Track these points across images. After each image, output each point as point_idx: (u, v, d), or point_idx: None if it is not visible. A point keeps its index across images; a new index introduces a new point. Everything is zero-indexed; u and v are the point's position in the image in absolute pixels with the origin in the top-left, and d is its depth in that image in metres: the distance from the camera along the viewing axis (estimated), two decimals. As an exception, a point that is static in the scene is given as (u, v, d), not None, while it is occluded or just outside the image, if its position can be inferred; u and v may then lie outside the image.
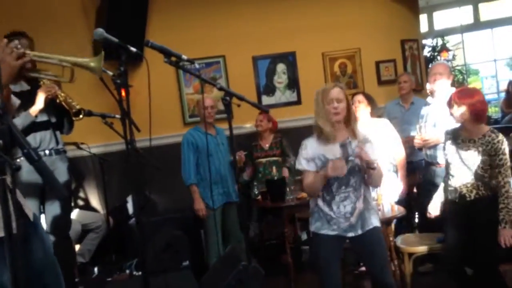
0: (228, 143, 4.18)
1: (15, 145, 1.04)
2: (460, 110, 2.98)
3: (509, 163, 2.94)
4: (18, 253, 1.09)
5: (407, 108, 4.88)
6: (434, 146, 3.70)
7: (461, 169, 3.06)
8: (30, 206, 1.98)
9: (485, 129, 3.01)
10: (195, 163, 4.06)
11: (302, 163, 2.80)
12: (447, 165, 3.19)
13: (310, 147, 2.79)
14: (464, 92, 3.09)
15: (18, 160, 3.15)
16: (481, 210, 2.99)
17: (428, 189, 3.68)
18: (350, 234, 2.76)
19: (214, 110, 4.14)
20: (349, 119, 2.76)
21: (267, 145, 4.83)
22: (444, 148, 3.22)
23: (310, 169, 2.77)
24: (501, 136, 2.96)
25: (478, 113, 2.96)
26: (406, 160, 4.18)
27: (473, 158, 2.99)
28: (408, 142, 4.21)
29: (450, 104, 3.06)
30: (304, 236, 5.11)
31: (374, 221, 2.80)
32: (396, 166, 4.12)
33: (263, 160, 4.77)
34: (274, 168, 4.61)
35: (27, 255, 1.88)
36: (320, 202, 2.79)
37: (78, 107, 3.26)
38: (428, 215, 3.35)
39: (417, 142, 3.76)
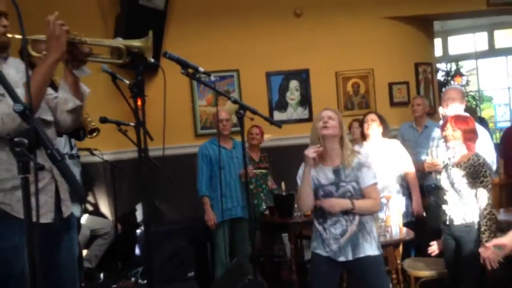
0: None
1: (40, 145, 1.08)
2: (455, 134, 3.10)
3: (490, 186, 3.01)
4: (36, 244, 1.13)
5: (420, 131, 4.87)
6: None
7: (451, 193, 3.17)
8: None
9: (471, 154, 3.11)
10: (208, 175, 4.13)
11: (298, 181, 2.84)
12: (442, 189, 3.29)
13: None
14: (460, 118, 3.19)
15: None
16: (468, 234, 3.04)
17: (437, 213, 3.67)
18: (341, 259, 2.74)
19: (229, 123, 4.20)
20: (342, 145, 2.78)
21: (256, 158, 4.83)
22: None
23: None
24: (482, 159, 3.05)
25: (470, 140, 3.10)
26: (424, 183, 4.17)
27: (461, 182, 3.09)
28: (419, 167, 4.20)
29: (444, 127, 3.16)
30: (309, 255, 5.08)
31: (368, 250, 2.74)
32: (406, 187, 4.10)
33: (256, 171, 4.76)
34: (283, 184, 4.61)
35: (53, 249, 1.94)
36: (315, 222, 2.86)
37: (93, 125, 3.31)
38: (429, 250, 3.36)
39: (427, 165, 3.76)
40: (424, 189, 4.43)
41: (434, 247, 3.32)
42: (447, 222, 3.20)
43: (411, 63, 6.06)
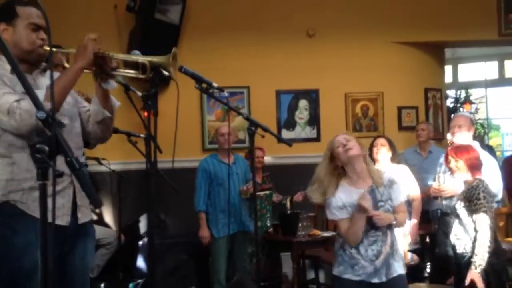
0: (245, 172, 4.26)
1: (59, 152, 1.10)
2: (459, 164, 3.14)
3: (484, 208, 2.97)
4: (49, 244, 1.14)
5: (424, 157, 4.88)
6: (451, 197, 3.68)
7: (455, 220, 3.19)
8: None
9: (473, 180, 3.12)
10: (206, 191, 4.13)
11: (335, 214, 2.70)
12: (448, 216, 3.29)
13: (340, 196, 2.70)
14: (460, 148, 3.22)
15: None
16: (467, 262, 3.01)
17: (442, 240, 3.65)
18: (375, 280, 2.66)
19: (231, 137, 4.20)
20: (367, 164, 2.73)
21: (259, 180, 4.81)
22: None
23: (344, 216, 2.68)
24: (477, 182, 3.04)
25: (474, 167, 3.11)
26: (422, 208, 4.15)
27: (460, 208, 3.10)
28: (425, 193, 4.19)
29: (446, 159, 3.17)
30: (311, 275, 5.05)
31: (399, 269, 2.71)
32: (411, 212, 4.09)
33: (260, 193, 4.74)
34: (288, 201, 4.61)
35: (66, 253, 1.97)
36: (344, 246, 2.71)
37: None
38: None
39: (433, 190, 3.75)
40: (430, 215, 4.41)
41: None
42: (451, 251, 3.19)
43: (421, 88, 6.08)
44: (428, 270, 4.42)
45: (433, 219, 4.35)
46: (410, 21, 5.76)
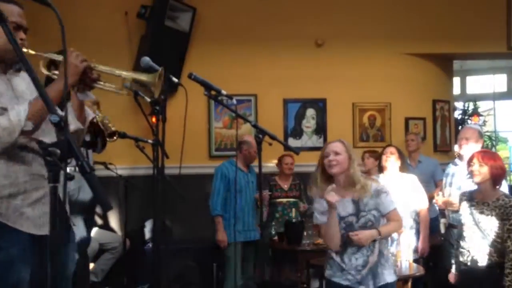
0: (256, 180, 4.27)
1: (71, 156, 1.12)
2: (482, 170, 3.02)
3: None
4: (56, 255, 1.14)
5: (414, 167, 4.92)
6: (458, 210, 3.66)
7: (474, 231, 3.08)
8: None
9: (499, 193, 3.05)
10: (224, 196, 4.12)
11: (317, 218, 2.77)
12: (461, 226, 3.20)
13: (323, 201, 2.72)
14: (487, 153, 3.15)
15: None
16: (491, 277, 2.96)
17: (449, 251, 3.62)
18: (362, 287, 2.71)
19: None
20: (353, 174, 2.69)
21: (286, 186, 4.85)
22: (458, 210, 3.25)
23: (324, 221, 2.73)
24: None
25: (497, 177, 3.03)
26: None
27: (487, 221, 3.01)
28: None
29: (470, 163, 3.10)
30: (316, 284, 5.03)
31: (388, 277, 2.73)
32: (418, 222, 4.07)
33: (283, 200, 4.77)
34: (293, 211, 4.61)
35: (46, 261, 1.86)
36: (333, 253, 2.76)
37: (113, 129, 3.36)
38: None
39: (443, 202, 3.73)
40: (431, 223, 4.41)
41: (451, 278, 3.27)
42: (469, 263, 3.11)
43: (429, 99, 6.08)
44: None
45: (432, 228, 4.32)
46: (419, 33, 5.77)
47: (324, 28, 5.68)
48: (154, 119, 3.02)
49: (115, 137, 3.38)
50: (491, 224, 2.99)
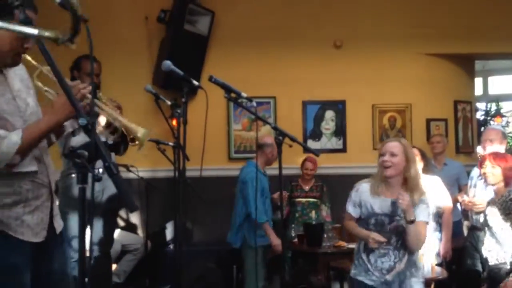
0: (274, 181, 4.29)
1: (98, 158, 1.14)
2: (495, 171, 3.06)
3: None
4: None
5: (439, 169, 4.85)
6: (482, 211, 3.61)
7: (487, 233, 3.14)
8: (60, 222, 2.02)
9: (506, 189, 3.08)
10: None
11: (348, 206, 2.79)
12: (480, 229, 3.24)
13: (362, 192, 2.74)
14: (499, 155, 3.15)
15: (73, 175, 3.32)
16: (498, 274, 2.94)
17: (471, 254, 3.58)
18: None
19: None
20: (408, 177, 2.66)
21: (307, 187, 4.87)
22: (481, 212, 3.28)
23: (354, 215, 2.76)
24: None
25: (510, 178, 3.07)
26: None
27: (493, 220, 3.04)
28: None
29: (482, 164, 3.10)
30: (336, 286, 5.00)
31: (415, 285, 2.69)
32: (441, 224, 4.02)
33: (303, 200, 4.79)
34: (313, 212, 4.61)
35: (47, 264, 1.89)
36: (361, 248, 2.75)
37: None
38: None
39: (467, 203, 3.69)
40: (454, 226, 4.35)
41: None
42: (480, 265, 3.13)
43: (451, 100, 6.00)
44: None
45: (454, 232, 4.26)
46: (440, 33, 5.71)
47: (342, 30, 5.65)
48: (174, 122, 3.06)
49: (137, 142, 3.42)
50: (496, 222, 3.03)
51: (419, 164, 4.01)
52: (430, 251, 3.69)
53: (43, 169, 1.88)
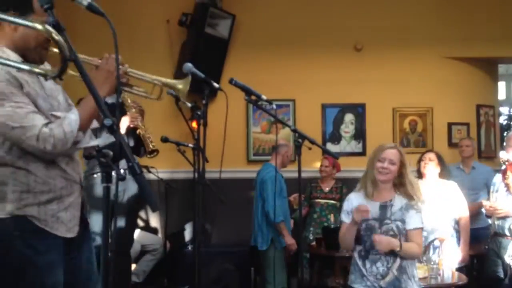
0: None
1: (122, 157, 1.17)
2: None
3: None
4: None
5: (467, 173, 4.79)
6: (504, 217, 3.56)
7: (509, 240, 3.14)
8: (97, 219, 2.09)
9: None
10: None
11: (342, 215, 2.85)
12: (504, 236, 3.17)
13: (353, 200, 2.80)
14: None
15: (95, 175, 3.39)
16: None
17: (493, 260, 3.52)
18: None
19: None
20: (400, 183, 2.73)
21: (327, 189, 4.89)
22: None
23: (346, 221, 2.77)
24: None
25: None
26: (470, 226, 4.04)
27: None
28: (473, 209, 4.09)
29: (504, 175, 3.05)
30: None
31: (409, 283, 2.69)
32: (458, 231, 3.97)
33: (322, 201, 4.79)
34: (332, 216, 4.61)
35: (76, 260, 1.93)
36: (356, 255, 2.76)
37: (153, 146, 3.46)
38: None
39: (487, 209, 3.65)
40: (476, 233, 4.29)
41: None
42: (502, 272, 3.07)
43: (473, 104, 5.91)
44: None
45: (482, 238, 4.20)
46: (463, 36, 5.63)
47: (363, 33, 5.63)
48: (194, 124, 3.10)
49: (154, 154, 3.49)
50: None
51: (436, 169, 3.98)
52: (450, 257, 3.65)
53: (74, 166, 1.92)
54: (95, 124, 1.94)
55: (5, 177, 1.76)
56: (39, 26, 1.37)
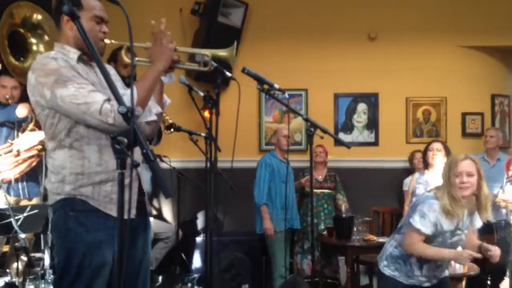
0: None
1: (137, 144, 1.19)
2: None
3: None
4: (125, 242, 1.20)
5: (492, 165, 4.71)
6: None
7: None
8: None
9: None
10: (268, 185, 4.24)
11: (427, 226, 2.57)
12: None
13: (436, 212, 2.57)
14: None
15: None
16: None
17: (503, 249, 3.50)
18: (426, 284, 2.73)
19: (288, 139, 4.35)
20: (480, 196, 2.59)
21: (320, 177, 4.86)
22: None
23: (426, 232, 2.58)
24: None
25: None
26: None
27: None
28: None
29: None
30: (365, 280, 4.99)
31: (446, 271, 2.84)
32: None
33: (317, 191, 4.77)
34: (343, 205, 4.62)
35: (130, 245, 1.97)
36: (413, 261, 2.67)
37: (170, 121, 3.49)
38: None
39: (500, 200, 3.63)
40: (493, 226, 4.24)
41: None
42: None
43: (488, 94, 5.84)
44: (489, 282, 4.23)
45: (496, 230, 4.17)
46: (477, 25, 5.55)
47: (377, 21, 5.57)
48: (207, 113, 3.11)
49: (172, 130, 3.50)
50: None
51: (443, 159, 3.96)
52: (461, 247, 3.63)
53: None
54: (153, 116, 2.02)
55: (64, 161, 1.88)
56: None
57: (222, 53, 2.14)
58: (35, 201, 3.73)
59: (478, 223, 2.69)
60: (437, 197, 2.57)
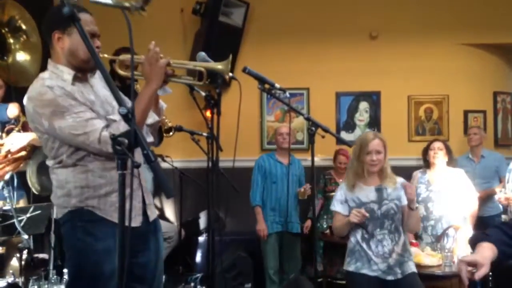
0: (300, 175, 4.43)
1: (137, 145, 1.19)
2: None
3: None
4: (127, 245, 1.21)
5: (477, 162, 4.75)
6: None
7: None
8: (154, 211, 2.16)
9: None
10: (262, 186, 4.23)
11: (335, 205, 2.96)
12: None
13: (344, 189, 2.96)
14: None
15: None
16: None
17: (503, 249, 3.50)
18: (390, 277, 2.81)
19: (290, 138, 4.30)
20: (385, 168, 2.90)
21: (341, 181, 4.83)
22: None
23: (341, 212, 2.92)
24: None
25: None
26: (478, 214, 4.08)
27: None
28: (484, 194, 4.09)
29: None
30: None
31: (412, 267, 2.89)
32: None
33: (331, 194, 4.77)
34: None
35: (140, 251, 2.00)
36: (358, 240, 2.87)
37: (169, 124, 3.49)
38: None
39: (500, 200, 3.63)
40: (485, 221, 4.29)
41: None
42: None
43: (490, 91, 5.83)
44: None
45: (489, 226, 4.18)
46: (479, 23, 5.54)
47: (378, 20, 5.57)
48: (208, 113, 3.11)
49: (171, 133, 3.50)
50: None
51: (445, 158, 3.98)
52: (464, 245, 3.63)
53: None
54: (151, 119, 2.03)
55: (67, 175, 1.93)
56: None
57: (217, 66, 2.14)
58: (22, 203, 3.70)
59: (404, 199, 2.86)
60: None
